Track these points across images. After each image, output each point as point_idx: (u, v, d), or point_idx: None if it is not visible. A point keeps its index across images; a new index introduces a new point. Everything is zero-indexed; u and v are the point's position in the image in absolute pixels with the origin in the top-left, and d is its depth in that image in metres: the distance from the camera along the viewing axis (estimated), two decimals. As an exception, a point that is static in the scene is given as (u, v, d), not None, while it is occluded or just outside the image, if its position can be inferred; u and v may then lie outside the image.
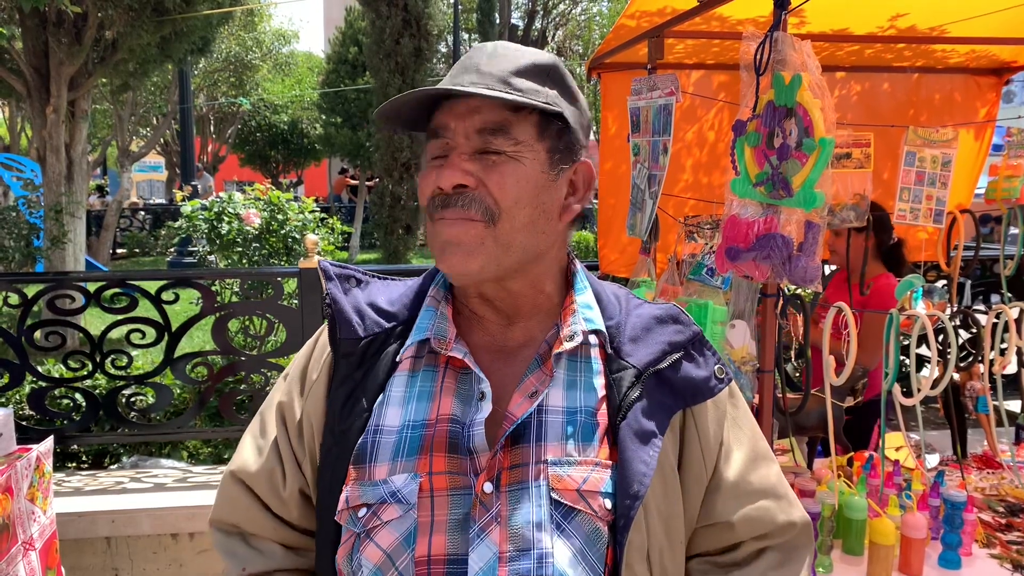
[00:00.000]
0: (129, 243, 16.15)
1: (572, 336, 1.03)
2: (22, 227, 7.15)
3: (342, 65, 16.84)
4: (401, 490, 0.96)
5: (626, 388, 1.02)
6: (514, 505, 0.95)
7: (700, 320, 2.06)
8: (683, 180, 3.36)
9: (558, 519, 0.96)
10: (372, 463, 1.00)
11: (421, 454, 0.98)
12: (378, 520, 0.96)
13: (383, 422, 1.01)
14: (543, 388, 1.01)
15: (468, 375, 1.02)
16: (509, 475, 0.97)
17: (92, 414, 3.45)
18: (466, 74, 0.99)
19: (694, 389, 1.04)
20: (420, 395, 1.03)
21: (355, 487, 0.99)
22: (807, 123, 1.58)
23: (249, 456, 1.11)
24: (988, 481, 2.54)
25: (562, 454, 0.98)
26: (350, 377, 1.05)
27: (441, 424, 0.99)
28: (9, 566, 2.28)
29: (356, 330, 1.07)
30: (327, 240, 6.04)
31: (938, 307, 2.92)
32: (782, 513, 1.08)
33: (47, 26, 6.92)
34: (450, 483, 0.96)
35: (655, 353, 1.05)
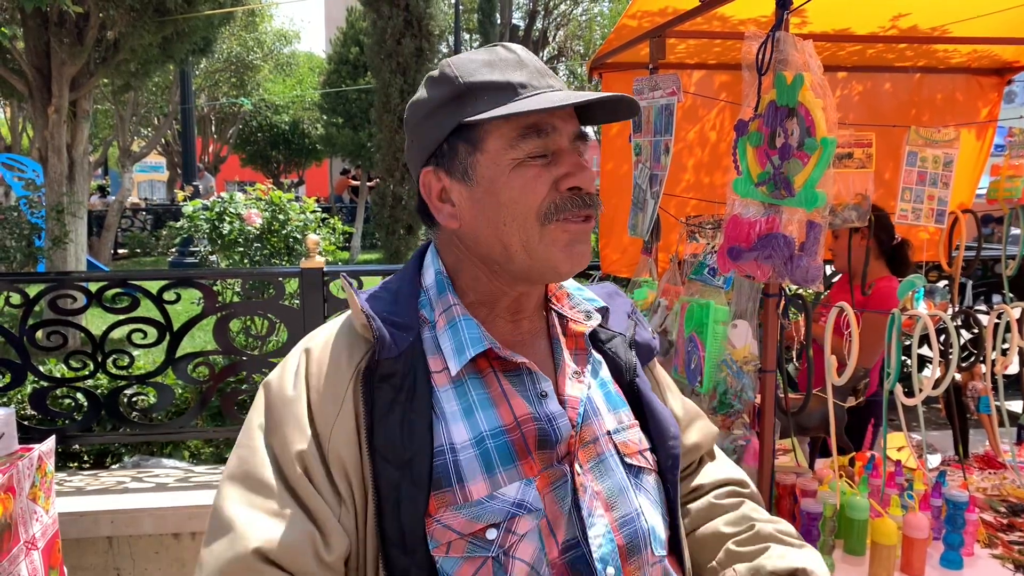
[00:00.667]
0: (130, 243, 16.16)
1: (589, 315, 1.12)
2: (24, 227, 7.17)
3: (343, 65, 16.85)
4: (525, 499, 0.95)
5: (624, 353, 1.15)
6: (601, 478, 1.02)
7: (702, 320, 2.06)
8: (684, 180, 3.36)
9: (632, 479, 1.06)
10: (461, 484, 0.94)
11: (520, 459, 0.97)
12: (515, 536, 0.93)
13: (452, 439, 0.96)
14: (583, 367, 1.09)
15: (519, 375, 1.03)
16: (585, 453, 1.03)
17: (94, 414, 3.46)
18: (547, 77, 1.02)
19: (648, 350, 1.21)
20: (481, 404, 0.99)
21: (451, 514, 0.93)
22: (809, 123, 1.58)
23: (266, 526, 0.89)
24: (990, 481, 2.54)
25: (615, 423, 1.08)
26: (396, 400, 0.96)
27: (527, 425, 0.99)
28: (11, 565, 2.28)
29: (391, 349, 0.98)
30: (328, 240, 6.04)
31: (940, 307, 2.92)
32: (712, 426, 1.30)
33: (49, 26, 6.93)
34: (551, 478, 0.98)
35: (625, 322, 1.19)
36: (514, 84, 0.98)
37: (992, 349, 2.39)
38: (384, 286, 1.08)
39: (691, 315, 2.12)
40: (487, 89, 0.98)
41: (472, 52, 1.04)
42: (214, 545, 0.90)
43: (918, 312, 2.14)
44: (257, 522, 0.89)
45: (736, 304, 2.09)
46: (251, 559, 0.87)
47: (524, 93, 0.98)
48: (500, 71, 0.99)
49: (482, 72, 0.99)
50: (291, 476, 0.93)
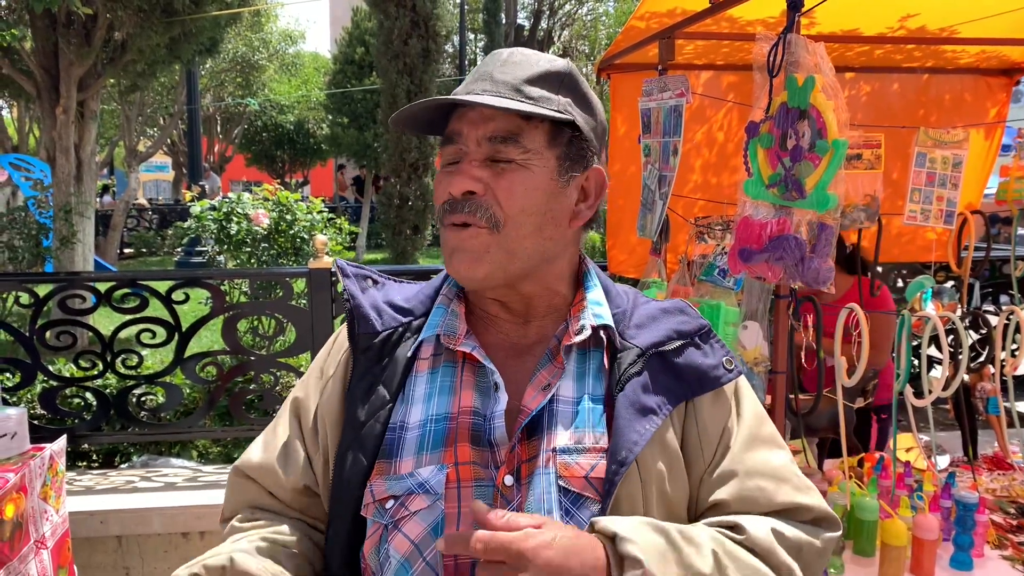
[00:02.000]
0: (136, 243, 16.22)
1: (581, 330, 1.05)
2: (32, 227, 7.20)
3: (348, 65, 16.88)
4: (428, 481, 0.98)
5: (626, 365, 1.03)
6: (530, 495, 0.97)
7: (712, 321, 2.06)
8: (692, 180, 3.35)
9: (567, 505, 0.97)
10: (398, 458, 1.01)
11: (446, 446, 1.00)
12: (406, 511, 0.98)
13: (407, 419, 1.03)
14: (555, 381, 1.03)
15: (484, 369, 1.04)
16: (528, 467, 0.99)
17: (103, 413, 3.47)
18: (480, 82, 1.02)
19: (700, 377, 1.04)
20: (442, 390, 1.05)
21: (381, 481, 1.00)
22: (820, 125, 1.58)
23: (255, 452, 1.13)
24: (999, 482, 2.53)
25: (572, 442, 1.00)
26: (369, 372, 1.06)
27: (464, 416, 1.02)
28: (22, 564, 2.29)
29: (374, 325, 1.09)
30: (335, 240, 6.06)
31: (948, 308, 2.92)
32: (785, 494, 1.02)
33: (57, 27, 6.96)
34: (474, 474, 0.98)
35: (659, 336, 1.06)
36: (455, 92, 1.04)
37: (1001, 350, 2.39)
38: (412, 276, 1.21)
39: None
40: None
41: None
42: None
43: (927, 313, 2.14)
44: (255, 446, 1.14)
45: (746, 305, 2.09)
46: (234, 472, 1.14)
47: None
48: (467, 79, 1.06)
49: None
50: (283, 414, 1.14)
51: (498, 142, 1.00)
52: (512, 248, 1.00)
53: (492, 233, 0.99)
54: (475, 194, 0.99)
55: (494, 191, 0.99)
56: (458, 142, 1.02)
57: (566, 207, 1.05)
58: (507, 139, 0.99)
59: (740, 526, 0.97)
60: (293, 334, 3.59)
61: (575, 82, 1.06)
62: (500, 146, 1.00)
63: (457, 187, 0.99)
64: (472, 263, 1.00)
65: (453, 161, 1.02)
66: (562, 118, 1.02)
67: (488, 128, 1.00)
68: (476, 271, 1.00)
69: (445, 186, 1.01)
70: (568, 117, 1.02)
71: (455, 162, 1.02)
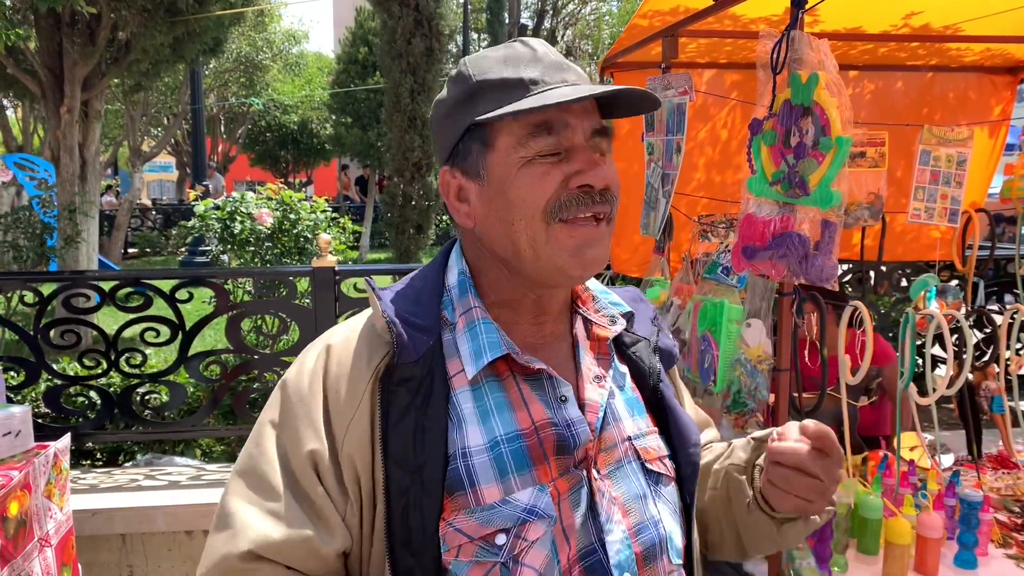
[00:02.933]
0: (140, 243, 16.25)
1: (614, 320, 1.10)
2: (36, 226, 7.20)
3: (352, 65, 16.88)
4: (538, 505, 0.93)
5: (648, 358, 1.13)
6: (618, 484, 1.01)
7: (715, 319, 2.06)
8: (695, 179, 3.35)
9: (652, 486, 1.04)
10: (475, 487, 0.93)
11: (535, 464, 0.96)
12: (525, 542, 0.92)
13: (467, 443, 0.95)
14: (604, 372, 1.07)
15: (538, 379, 1.01)
16: (603, 458, 1.01)
17: (107, 412, 3.48)
18: (562, 72, 0.98)
19: (670, 356, 1.19)
20: (498, 407, 0.98)
21: (464, 518, 0.92)
22: (824, 122, 1.58)
23: (264, 525, 0.92)
24: (1003, 481, 2.53)
25: (635, 429, 1.07)
26: (411, 405, 0.95)
27: (545, 431, 0.97)
28: (26, 562, 2.29)
29: (411, 353, 0.96)
30: (338, 239, 6.07)
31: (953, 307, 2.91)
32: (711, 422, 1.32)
33: (61, 27, 6.97)
34: (568, 484, 0.97)
35: (650, 328, 1.17)
36: (525, 80, 0.96)
37: (1006, 349, 2.38)
38: (410, 283, 1.07)
39: (704, 314, 2.12)
40: (498, 86, 0.97)
41: (492, 48, 1.03)
42: (215, 537, 0.94)
43: (931, 312, 2.14)
44: (254, 521, 0.92)
45: (750, 303, 2.09)
46: (241, 558, 0.91)
47: (535, 89, 0.95)
48: (513, 67, 0.97)
49: (496, 69, 0.98)
50: (298, 473, 0.95)
51: (599, 135, 0.98)
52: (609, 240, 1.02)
53: (609, 227, 1.00)
54: (609, 189, 0.98)
55: (612, 185, 0.99)
56: (562, 133, 0.96)
57: None
58: (603, 132, 0.99)
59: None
60: (296, 333, 3.59)
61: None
62: (600, 140, 0.99)
63: (602, 180, 0.96)
64: (601, 256, 0.99)
65: (552, 153, 0.96)
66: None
67: (593, 121, 0.98)
68: (601, 264, 1.00)
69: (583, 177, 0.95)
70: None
71: (554, 154, 0.96)
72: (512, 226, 0.97)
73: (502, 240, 0.99)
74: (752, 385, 1.96)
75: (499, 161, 0.97)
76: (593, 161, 0.96)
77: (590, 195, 0.96)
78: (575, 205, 0.95)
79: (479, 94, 0.98)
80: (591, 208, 0.96)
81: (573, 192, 0.95)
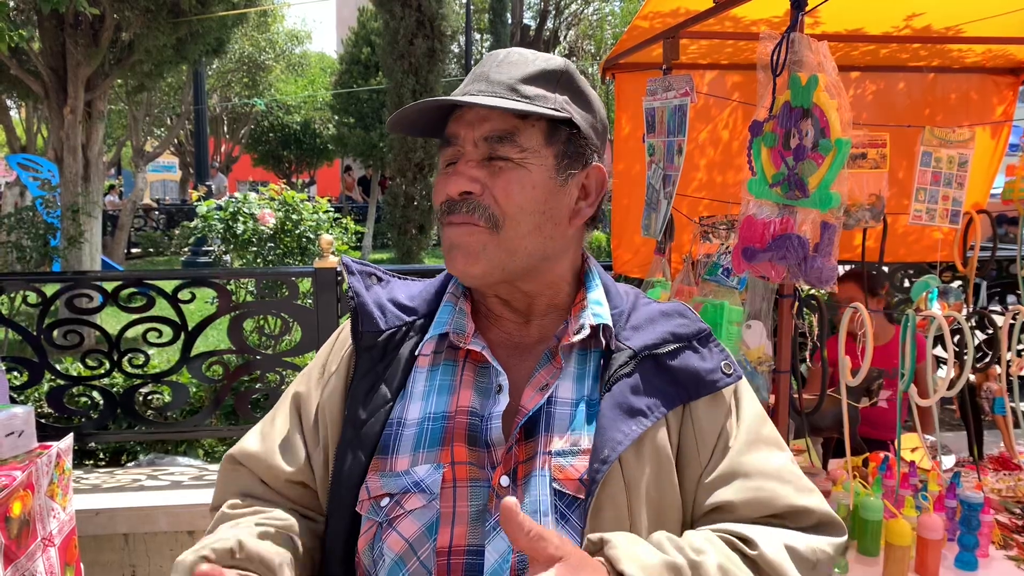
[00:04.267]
0: (143, 243, 16.28)
1: (580, 329, 1.04)
2: (39, 227, 7.21)
3: (355, 65, 16.90)
4: (424, 480, 0.98)
5: (616, 366, 1.02)
6: (527, 496, 0.97)
7: (716, 320, 2.06)
8: (697, 179, 3.35)
9: (562, 508, 0.97)
10: (394, 455, 1.02)
11: (443, 445, 1.00)
12: (401, 510, 0.98)
13: (405, 415, 1.04)
14: (553, 381, 1.03)
15: (487, 369, 1.05)
16: (524, 468, 0.99)
17: (110, 412, 3.49)
18: (476, 83, 1.03)
19: (697, 381, 1.03)
20: (441, 388, 1.05)
21: (376, 478, 1.01)
22: (823, 124, 1.58)
23: (251, 441, 1.13)
24: (1005, 483, 2.53)
25: (567, 444, 0.99)
26: (372, 370, 1.07)
27: (461, 416, 1.02)
28: (29, 562, 2.30)
29: (378, 323, 1.09)
30: (341, 240, 6.07)
31: (954, 308, 2.91)
32: (791, 497, 1.00)
33: (65, 27, 6.99)
34: (470, 474, 0.98)
35: (654, 338, 1.05)
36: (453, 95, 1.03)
37: (1007, 350, 2.38)
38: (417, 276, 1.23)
39: (705, 315, 2.12)
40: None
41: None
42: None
43: (932, 313, 2.14)
44: (247, 437, 1.14)
45: (750, 304, 2.09)
46: (226, 460, 1.13)
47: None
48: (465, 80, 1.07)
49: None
50: (286, 410, 1.14)
51: (494, 141, 1.00)
52: (511, 247, 1.01)
53: (491, 232, 1.00)
54: (472, 194, 1.00)
55: (491, 190, 1.00)
56: (455, 143, 1.03)
57: (566, 205, 1.05)
58: (503, 138, 1.00)
59: (752, 541, 0.93)
60: (299, 333, 3.60)
61: (572, 80, 1.06)
62: (497, 145, 1.00)
63: (454, 188, 1.00)
64: (469, 260, 1.01)
65: (451, 162, 1.03)
66: (558, 116, 1.01)
67: (484, 128, 1.00)
68: (473, 268, 1.01)
69: (443, 187, 1.02)
70: (565, 115, 1.02)
71: (453, 163, 1.03)
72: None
73: None
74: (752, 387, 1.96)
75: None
76: (455, 170, 1.02)
77: (447, 203, 1.02)
78: (443, 212, 1.03)
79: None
80: (447, 216, 1.02)
81: (445, 200, 1.03)
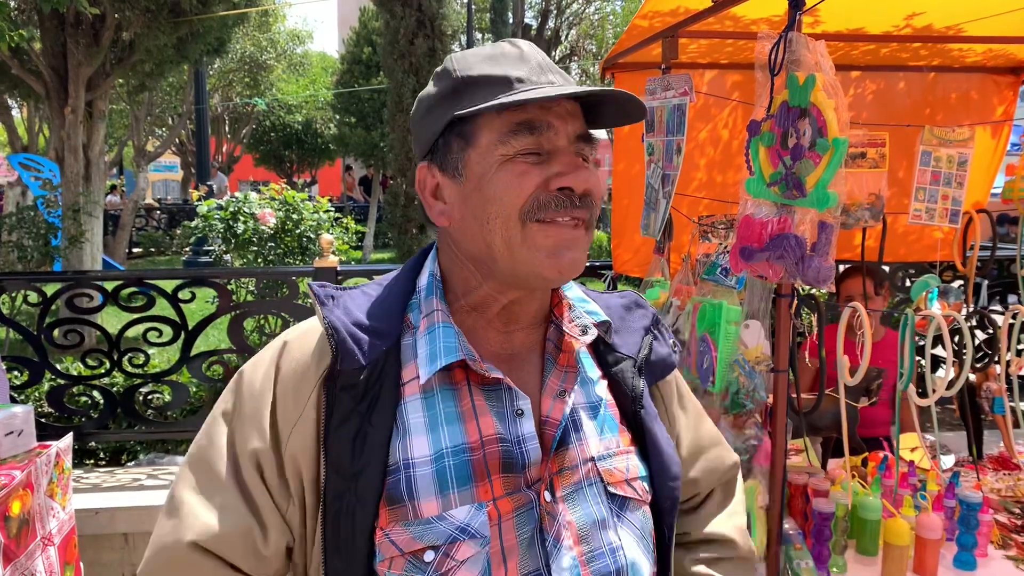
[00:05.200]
0: (145, 242, 16.29)
1: (585, 330, 1.03)
2: (40, 226, 7.23)
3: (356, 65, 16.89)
4: (471, 524, 0.90)
5: (631, 379, 1.06)
6: (575, 507, 0.96)
7: (714, 320, 2.06)
8: (697, 178, 3.35)
9: (616, 511, 0.99)
10: (414, 500, 0.91)
11: (477, 481, 0.92)
12: (453, 562, 0.89)
13: (411, 454, 0.93)
14: (570, 386, 1.01)
15: (496, 390, 0.97)
16: (560, 479, 0.96)
17: (110, 411, 3.49)
18: (548, 73, 0.96)
19: (663, 366, 1.12)
20: (448, 417, 0.95)
21: (400, 530, 0.90)
22: (821, 123, 1.58)
23: (207, 518, 0.92)
24: (1004, 482, 2.52)
25: (602, 448, 1.01)
26: (354, 412, 0.93)
27: (491, 446, 0.94)
28: (28, 561, 2.31)
29: (359, 359, 0.94)
30: (341, 240, 6.08)
31: (954, 307, 2.91)
32: (728, 456, 1.20)
33: (66, 27, 7.00)
34: (514, 504, 0.93)
35: (639, 342, 1.10)
36: (511, 78, 0.93)
37: (1007, 350, 2.38)
38: (378, 283, 1.05)
39: (703, 315, 2.12)
40: (483, 83, 0.94)
41: (478, 47, 1.00)
42: (163, 524, 0.95)
43: (931, 312, 2.14)
44: (200, 512, 0.93)
45: (748, 304, 2.09)
46: (184, 550, 0.91)
47: (520, 88, 0.93)
48: (499, 65, 0.95)
49: (481, 66, 0.96)
50: (243, 468, 0.94)
51: (582, 140, 0.96)
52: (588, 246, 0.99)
53: (588, 231, 0.97)
54: (589, 193, 0.95)
55: (593, 191, 0.95)
56: (545, 133, 0.93)
57: None
58: (588, 138, 0.97)
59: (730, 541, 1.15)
60: (299, 333, 3.60)
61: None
62: (584, 145, 0.96)
63: (584, 183, 0.93)
64: (577, 260, 0.95)
65: (533, 152, 0.93)
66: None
67: (576, 125, 0.96)
68: (577, 268, 0.96)
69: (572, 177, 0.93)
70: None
71: (535, 153, 0.93)
72: (487, 224, 0.94)
73: (477, 239, 0.96)
74: (750, 386, 1.96)
75: (479, 158, 0.94)
76: (575, 163, 0.94)
77: (570, 198, 0.93)
78: (553, 207, 0.93)
79: (463, 90, 0.95)
80: (570, 211, 0.93)
81: (552, 194, 0.92)
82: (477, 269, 0.99)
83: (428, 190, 1.01)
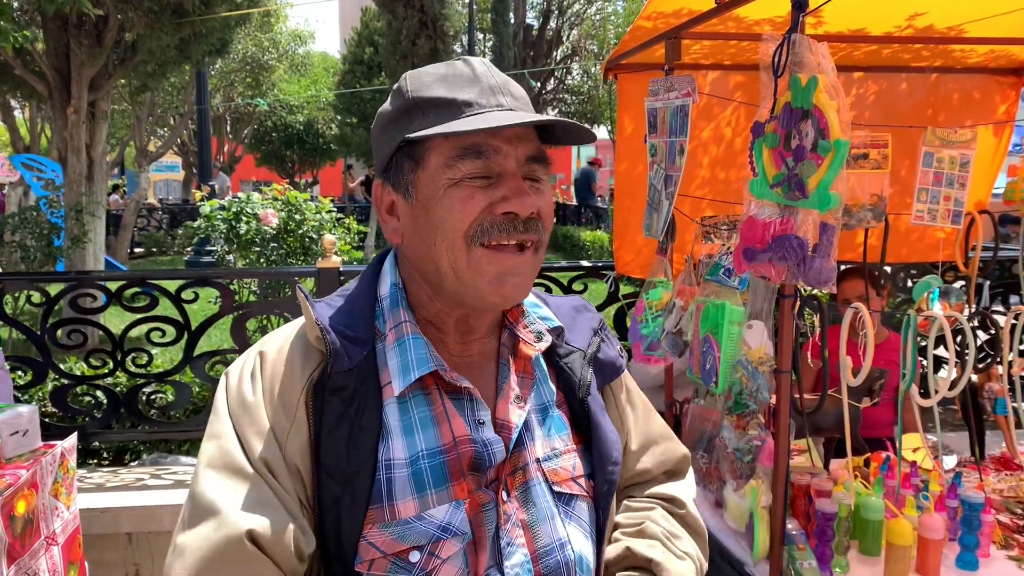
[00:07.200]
0: (147, 243, 16.31)
1: (540, 336, 1.09)
2: (43, 227, 7.25)
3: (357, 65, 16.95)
4: (452, 523, 0.93)
5: (580, 368, 1.10)
6: (527, 505, 1.01)
7: (717, 320, 2.06)
8: (700, 177, 3.35)
9: (562, 508, 1.04)
10: (391, 501, 0.93)
11: (453, 480, 0.96)
12: (438, 560, 0.92)
13: (392, 456, 0.95)
14: (527, 392, 1.06)
15: (460, 398, 1.01)
16: (513, 480, 1.01)
17: (113, 411, 3.50)
18: (499, 95, 0.97)
19: (612, 368, 1.17)
20: (423, 422, 0.98)
21: (378, 531, 0.93)
22: (823, 125, 1.58)
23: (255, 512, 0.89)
24: (1006, 483, 2.53)
25: (548, 449, 1.05)
26: (345, 415, 0.95)
27: (464, 446, 0.97)
28: (32, 560, 2.31)
29: (346, 362, 0.96)
30: (343, 240, 6.09)
31: (956, 308, 2.91)
32: (678, 448, 1.26)
33: (68, 28, 7.02)
34: (481, 501, 0.97)
35: (588, 339, 1.14)
36: (459, 102, 0.95)
37: (1009, 350, 2.38)
38: (341, 294, 1.06)
39: (706, 316, 2.13)
40: (433, 105, 0.96)
41: (433, 66, 1.02)
42: (199, 528, 0.88)
43: (933, 313, 2.14)
44: (244, 507, 0.89)
45: (751, 305, 2.10)
46: (243, 541, 0.86)
47: (468, 112, 0.94)
48: (450, 87, 0.97)
49: (432, 88, 0.97)
50: (264, 474, 0.93)
51: (533, 161, 0.97)
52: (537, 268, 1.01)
53: (535, 255, 0.99)
54: (537, 215, 0.97)
55: (542, 213, 0.98)
56: (493, 157, 0.95)
57: None
58: (541, 159, 0.98)
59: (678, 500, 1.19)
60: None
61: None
62: (536, 166, 0.98)
63: (530, 207, 0.95)
64: (523, 286, 0.98)
65: (482, 176, 0.95)
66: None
67: (527, 147, 0.97)
68: (523, 294, 0.99)
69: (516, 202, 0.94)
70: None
71: (485, 177, 0.95)
72: (434, 246, 0.96)
73: (425, 259, 0.98)
74: (753, 387, 1.97)
75: (427, 180, 0.96)
76: (520, 189, 0.95)
77: (514, 223, 0.95)
78: (498, 231, 0.94)
79: (413, 111, 0.97)
80: (514, 236, 0.95)
81: (497, 218, 0.94)
82: (428, 286, 1.02)
83: (384, 207, 1.03)
